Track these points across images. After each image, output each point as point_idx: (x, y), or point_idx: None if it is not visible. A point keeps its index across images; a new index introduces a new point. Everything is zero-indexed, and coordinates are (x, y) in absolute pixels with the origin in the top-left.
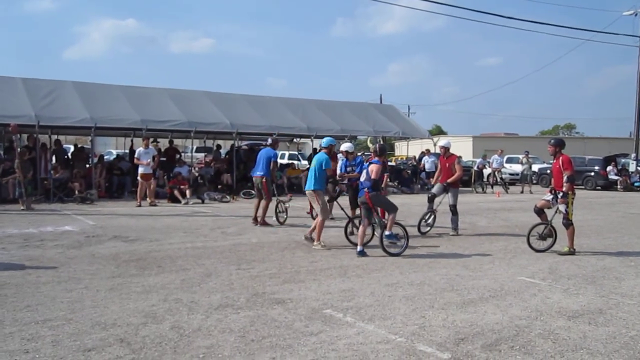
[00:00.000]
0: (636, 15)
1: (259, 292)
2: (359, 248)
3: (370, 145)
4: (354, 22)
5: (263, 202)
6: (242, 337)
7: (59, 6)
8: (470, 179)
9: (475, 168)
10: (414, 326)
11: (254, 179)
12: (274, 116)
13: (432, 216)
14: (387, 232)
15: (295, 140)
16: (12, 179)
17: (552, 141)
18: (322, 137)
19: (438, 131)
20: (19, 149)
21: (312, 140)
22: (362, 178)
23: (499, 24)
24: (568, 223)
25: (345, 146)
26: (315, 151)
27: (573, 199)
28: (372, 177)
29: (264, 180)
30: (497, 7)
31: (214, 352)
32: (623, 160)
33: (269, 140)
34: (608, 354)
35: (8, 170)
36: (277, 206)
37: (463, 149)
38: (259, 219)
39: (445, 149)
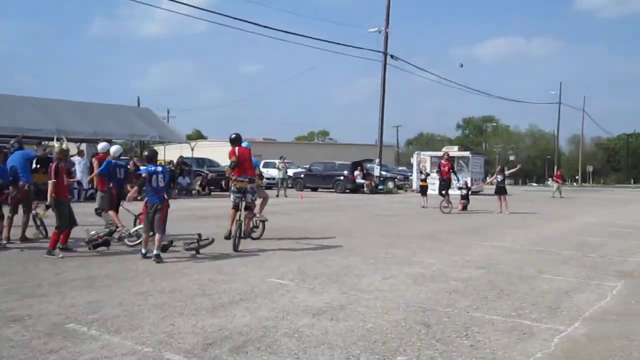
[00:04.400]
0: (379, 32)
1: None
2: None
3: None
4: (115, 22)
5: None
6: None
7: None
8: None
9: None
10: (163, 334)
11: None
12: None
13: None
14: None
15: (43, 143)
16: None
17: None
18: (74, 140)
19: (198, 135)
20: None
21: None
22: None
23: (258, 33)
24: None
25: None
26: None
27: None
28: None
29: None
30: (255, 15)
31: None
32: (369, 165)
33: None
34: (346, 347)
35: None
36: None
37: (224, 153)
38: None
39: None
